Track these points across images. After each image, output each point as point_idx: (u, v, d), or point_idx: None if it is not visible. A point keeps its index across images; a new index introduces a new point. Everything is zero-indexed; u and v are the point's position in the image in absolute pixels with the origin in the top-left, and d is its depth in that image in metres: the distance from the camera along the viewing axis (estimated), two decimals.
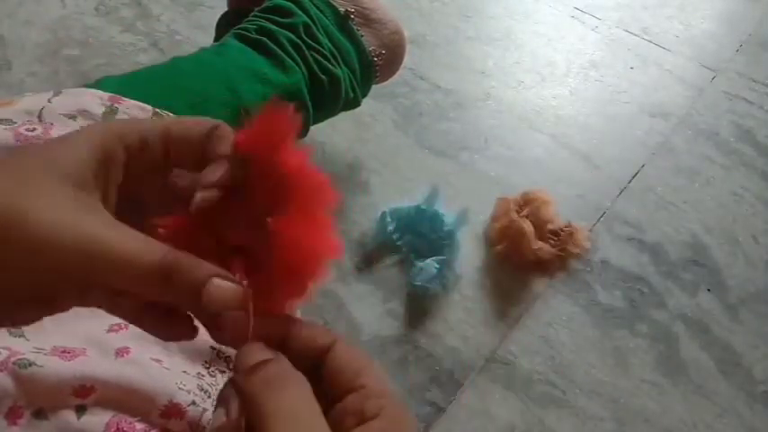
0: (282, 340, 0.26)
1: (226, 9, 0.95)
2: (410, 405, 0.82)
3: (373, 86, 0.91)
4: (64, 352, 0.40)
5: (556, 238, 0.97)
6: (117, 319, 0.29)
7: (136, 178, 0.27)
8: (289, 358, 0.26)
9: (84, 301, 0.25)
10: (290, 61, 0.70)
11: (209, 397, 0.44)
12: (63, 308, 0.25)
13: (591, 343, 0.92)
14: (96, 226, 0.24)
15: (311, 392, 0.24)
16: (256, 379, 0.24)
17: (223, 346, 0.47)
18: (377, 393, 0.25)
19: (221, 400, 0.24)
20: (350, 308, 0.91)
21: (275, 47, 0.70)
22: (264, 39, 0.70)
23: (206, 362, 0.47)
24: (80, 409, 0.39)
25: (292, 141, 0.26)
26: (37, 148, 0.25)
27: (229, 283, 0.24)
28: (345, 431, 0.24)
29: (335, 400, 0.26)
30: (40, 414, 0.38)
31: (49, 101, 0.52)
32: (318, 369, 0.26)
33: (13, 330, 0.40)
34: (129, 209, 0.27)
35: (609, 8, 1.41)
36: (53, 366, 0.38)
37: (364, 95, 0.88)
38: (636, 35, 1.36)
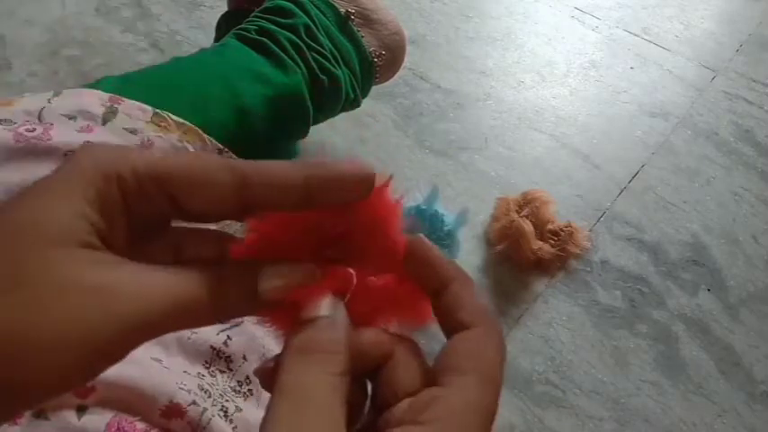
0: (440, 291, 0.25)
1: (226, 9, 0.95)
2: None
3: (373, 86, 0.91)
4: None
5: (556, 238, 0.97)
6: None
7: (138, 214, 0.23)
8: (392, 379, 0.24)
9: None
10: (291, 62, 0.70)
11: (210, 397, 0.44)
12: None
13: (591, 343, 0.92)
14: (124, 281, 0.21)
15: (335, 372, 0.22)
16: (294, 341, 0.22)
17: (223, 347, 0.47)
18: (450, 400, 0.22)
19: None
20: None
21: (276, 47, 0.70)
22: (265, 39, 0.70)
23: (206, 362, 0.47)
24: (81, 409, 0.39)
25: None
26: (14, 216, 0.20)
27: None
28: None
29: (414, 390, 0.23)
30: (40, 414, 0.38)
31: (48, 101, 0.52)
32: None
33: None
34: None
35: (609, 8, 1.41)
36: None
37: (364, 96, 0.88)
38: (636, 35, 1.36)
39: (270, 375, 0.22)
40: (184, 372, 0.44)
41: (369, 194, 0.23)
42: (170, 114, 0.57)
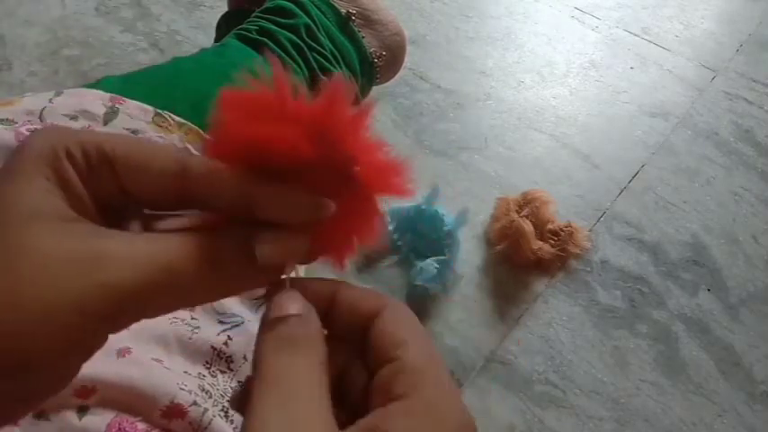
0: (330, 301, 0.25)
1: (226, 9, 0.95)
2: None
3: (373, 87, 0.91)
4: None
5: (556, 238, 0.97)
6: None
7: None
8: (335, 320, 0.24)
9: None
10: (291, 62, 0.70)
11: (211, 397, 0.44)
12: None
13: (591, 343, 0.92)
14: (112, 246, 0.21)
15: (318, 363, 0.22)
16: (269, 336, 0.22)
17: (223, 347, 0.47)
18: (411, 369, 0.22)
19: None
20: None
21: (276, 47, 0.70)
22: (265, 39, 0.70)
23: (207, 362, 0.47)
24: (82, 410, 0.39)
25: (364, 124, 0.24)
26: None
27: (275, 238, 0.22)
28: (370, 410, 0.22)
29: (373, 372, 0.23)
30: (41, 415, 0.38)
31: (50, 101, 0.52)
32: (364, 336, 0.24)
33: None
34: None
35: (609, 8, 1.41)
36: None
37: (365, 96, 0.88)
38: (636, 35, 1.36)
39: (239, 399, 0.22)
40: (185, 372, 0.44)
41: (311, 220, 0.23)
42: (171, 115, 0.57)
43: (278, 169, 0.23)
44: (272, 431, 0.19)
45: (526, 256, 0.95)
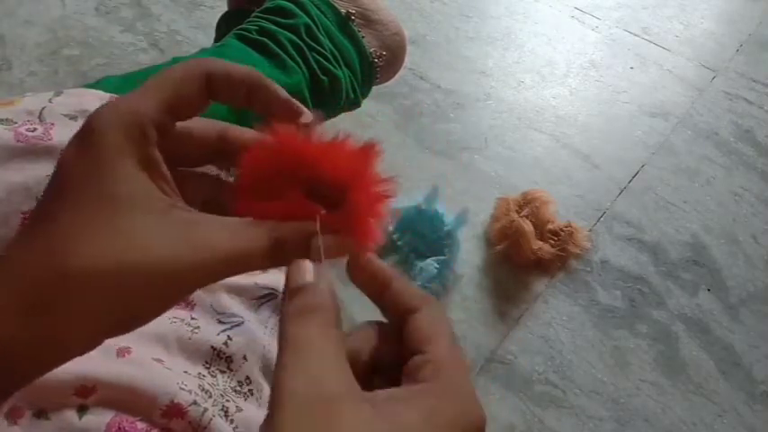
0: (386, 286, 0.28)
1: (226, 9, 0.95)
2: None
3: (373, 87, 0.91)
4: None
5: (556, 238, 0.97)
6: None
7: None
8: (385, 302, 0.28)
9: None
10: (291, 62, 0.69)
11: (211, 397, 0.44)
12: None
13: (591, 343, 0.92)
14: (198, 236, 0.25)
15: (334, 326, 0.25)
16: (291, 306, 0.25)
17: (223, 347, 0.47)
18: (437, 361, 0.25)
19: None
20: (351, 308, 0.91)
21: (276, 47, 0.69)
22: (265, 39, 0.70)
23: (207, 362, 0.47)
24: (81, 409, 0.39)
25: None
26: (87, 198, 0.25)
27: (332, 241, 0.27)
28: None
29: (405, 360, 0.26)
30: (41, 414, 0.38)
31: (49, 101, 0.52)
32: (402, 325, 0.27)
33: None
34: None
35: (609, 8, 1.41)
36: None
37: (365, 96, 0.88)
38: (636, 35, 1.36)
39: None
40: (185, 372, 0.44)
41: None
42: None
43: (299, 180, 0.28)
44: (295, 386, 0.22)
45: (526, 256, 0.95)
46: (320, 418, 0.21)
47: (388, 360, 0.28)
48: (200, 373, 0.45)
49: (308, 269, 0.26)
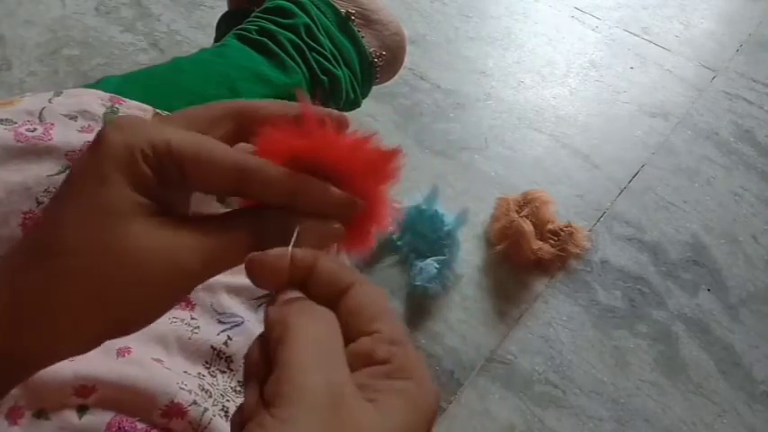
0: (308, 272, 0.27)
1: (226, 9, 0.95)
2: None
3: (373, 87, 0.91)
4: None
5: (556, 238, 0.97)
6: None
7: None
8: (312, 287, 0.27)
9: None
10: (291, 62, 0.69)
11: (211, 397, 0.44)
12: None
13: (591, 343, 0.92)
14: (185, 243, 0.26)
15: (337, 327, 0.25)
16: (292, 306, 0.25)
17: (223, 347, 0.47)
18: (389, 340, 0.25)
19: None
20: None
21: (276, 47, 0.69)
22: (265, 39, 0.70)
23: (206, 362, 0.47)
24: (81, 409, 0.39)
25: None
26: (78, 211, 0.26)
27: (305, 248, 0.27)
28: (352, 371, 0.25)
29: (348, 341, 0.26)
30: (41, 414, 0.38)
31: (49, 101, 0.52)
32: (336, 307, 0.27)
33: None
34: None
35: (609, 8, 1.41)
36: (54, 366, 0.38)
37: (365, 96, 0.88)
38: (636, 35, 1.36)
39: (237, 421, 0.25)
40: (185, 372, 0.44)
41: (346, 215, 0.29)
42: (170, 114, 0.57)
43: (313, 173, 0.28)
44: (309, 382, 0.22)
45: (526, 256, 0.95)
46: (335, 417, 0.22)
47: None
48: (200, 373, 0.45)
49: (295, 292, 0.26)
